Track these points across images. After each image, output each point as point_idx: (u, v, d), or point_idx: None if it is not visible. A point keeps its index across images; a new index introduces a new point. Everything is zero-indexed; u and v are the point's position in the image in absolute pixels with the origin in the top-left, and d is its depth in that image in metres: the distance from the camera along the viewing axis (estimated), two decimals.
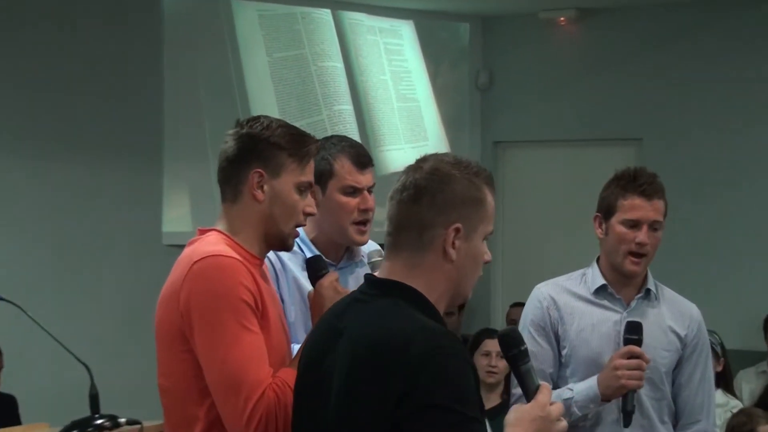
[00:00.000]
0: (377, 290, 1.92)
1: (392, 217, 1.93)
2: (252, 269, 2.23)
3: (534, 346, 2.92)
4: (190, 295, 2.18)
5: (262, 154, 2.28)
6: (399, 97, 6.63)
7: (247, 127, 2.30)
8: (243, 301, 2.16)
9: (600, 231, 2.96)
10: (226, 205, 2.31)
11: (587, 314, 2.95)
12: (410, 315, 1.84)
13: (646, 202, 2.88)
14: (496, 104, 6.83)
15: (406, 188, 1.92)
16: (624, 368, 2.79)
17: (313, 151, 2.33)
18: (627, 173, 2.94)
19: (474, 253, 1.92)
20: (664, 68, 6.38)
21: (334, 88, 6.27)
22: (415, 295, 1.89)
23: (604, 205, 2.95)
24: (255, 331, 2.17)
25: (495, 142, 6.89)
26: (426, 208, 1.89)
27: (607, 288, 2.98)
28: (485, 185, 1.95)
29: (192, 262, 2.21)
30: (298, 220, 2.32)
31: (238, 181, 2.29)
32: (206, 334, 2.16)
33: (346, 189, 2.78)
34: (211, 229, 2.31)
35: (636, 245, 2.88)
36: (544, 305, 2.96)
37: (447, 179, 1.91)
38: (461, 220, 1.90)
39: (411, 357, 1.75)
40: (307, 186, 2.32)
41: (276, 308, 2.31)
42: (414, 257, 1.90)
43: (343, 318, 1.93)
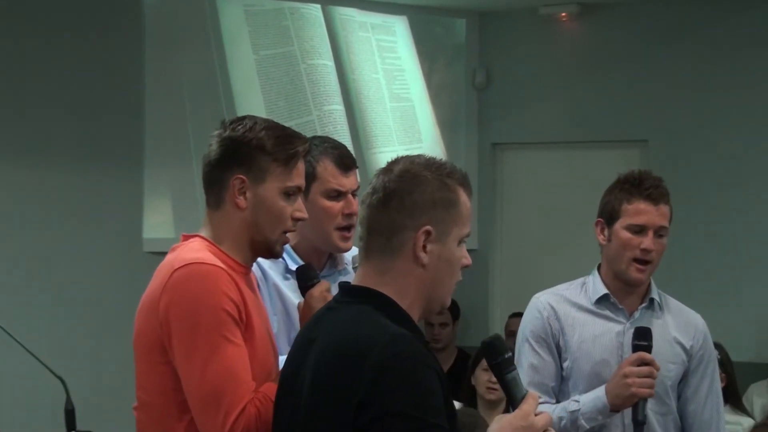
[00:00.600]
0: (349, 297, 1.97)
1: (363, 221, 1.97)
2: (237, 278, 2.24)
3: (535, 358, 2.94)
4: (170, 304, 2.18)
5: (244, 159, 2.27)
6: (392, 96, 6.63)
7: (229, 130, 2.30)
8: (225, 312, 2.16)
9: (602, 237, 2.96)
10: (210, 211, 2.32)
11: (589, 325, 2.96)
12: (376, 321, 1.88)
13: (652, 207, 2.89)
14: (493, 104, 6.83)
15: (375, 191, 1.96)
16: (634, 375, 2.79)
17: (300, 153, 2.32)
18: (632, 176, 2.95)
19: (448, 257, 1.95)
20: (671, 66, 6.39)
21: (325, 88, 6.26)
22: (385, 301, 1.92)
23: (607, 210, 2.95)
24: (237, 342, 2.17)
25: (493, 144, 6.89)
26: (395, 211, 1.93)
27: (609, 298, 2.99)
28: (459, 186, 1.97)
29: (172, 269, 2.21)
30: (286, 226, 2.31)
31: (220, 188, 2.29)
32: (185, 346, 2.15)
33: (330, 193, 2.78)
34: (194, 235, 2.32)
35: (641, 251, 2.88)
36: (544, 315, 2.97)
37: (417, 181, 1.94)
38: (432, 222, 1.93)
39: (370, 364, 1.79)
40: (295, 190, 2.32)
41: (262, 319, 2.32)
42: (384, 262, 1.94)
43: (315, 328, 1.97)
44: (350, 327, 1.89)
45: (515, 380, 1.96)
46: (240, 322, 2.19)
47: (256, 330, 2.24)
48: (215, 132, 2.32)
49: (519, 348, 3.00)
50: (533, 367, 2.94)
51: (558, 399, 2.94)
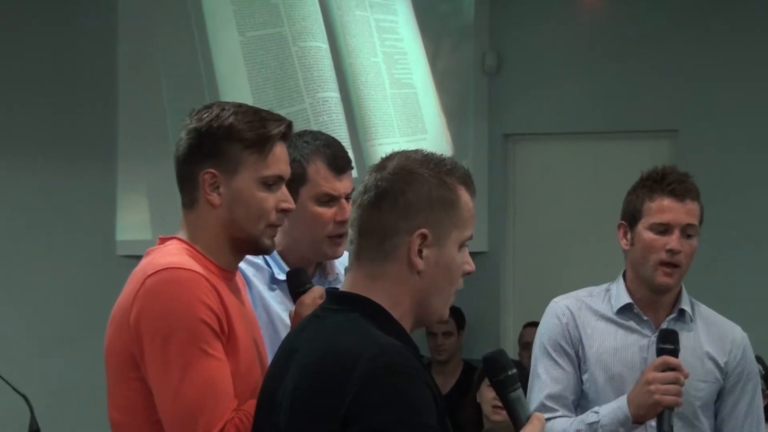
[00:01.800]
0: (336, 305, 1.98)
1: (354, 222, 1.98)
2: (218, 284, 2.24)
3: (554, 368, 2.94)
4: (141, 314, 2.18)
5: (212, 151, 2.26)
6: (393, 82, 6.62)
7: (194, 120, 2.30)
8: (202, 322, 2.16)
9: (625, 241, 2.97)
10: (185, 211, 2.33)
11: (609, 336, 2.96)
12: (364, 331, 1.89)
13: (677, 203, 2.90)
14: (505, 91, 6.82)
15: (367, 190, 1.96)
16: (658, 382, 2.77)
17: (276, 135, 2.30)
18: (654, 173, 2.96)
19: (447, 263, 1.95)
20: (705, 48, 6.37)
21: (318, 73, 6.26)
22: (376, 309, 1.93)
23: (629, 211, 2.96)
24: (216, 356, 2.17)
25: (505, 135, 6.89)
26: (387, 211, 1.94)
27: (633, 307, 2.98)
28: (460, 185, 1.98)
29: (145, 275, 2.21)
30: (270, 219, 2.31)
31: (192, 185, 2.29)
32: (158, 360, 2.16)
33: (321, 197, 2.78)
34: (172, 237, 2.32)
35: (667, 253, 2.89)
36: (563, 321, 2.97)
37: (412, 179, 1.95)
38: (428, 224, 1.93)
39: (356, 376, 1.81)
40: (275, 179, 2.31)
41: (250, 330, 2.32)
42: (375, 267, 1.95)
43: (299, 337, 1.99)
44: (336, 337, 1.90)
45: (520, 400, 1.96)
46: (221, 333, 2.19)
47: (240, 341, 2.24)
48: (183, 123, 2.32)
49: (536, 357, 3.00)
50: (552, 378, 2.95)
51: (578, 415, 2.94)
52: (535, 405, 2.92)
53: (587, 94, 6.64)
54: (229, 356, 2.20)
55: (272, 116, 2.32)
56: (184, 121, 2.32)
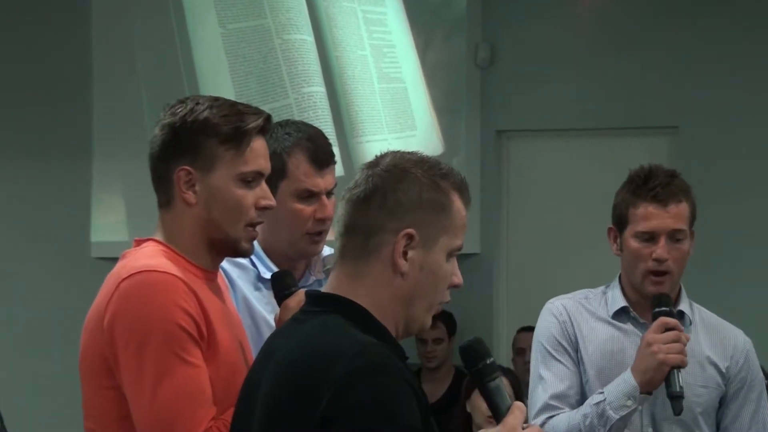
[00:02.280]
0: (317, 307, 1.99)
1: (341, 218, 1.99)
2: (198, 286, 2.24)
3: (555, 367, 2.96)
4: (115, 318, 2.19)
5: (186, 147, 2.27)
6: (381, 76, 6.62)
7: (167, 115, 2.30)
8: (179, 327, 2.17)
9: (615, 247, 3.00)
10: (162, 211, 2.33)
11: (605, 339, 2.97)
12: (344, 331, 1.90)
13: (660, 209, 2.91)
14: (499, 85, 6.82)
15: (357, 185, 1.98)
16: (659, 342, 2.80)
17: (253, 129, 2.29)
18: (637, 175, 2.96)
19: (432, 268, 1.96)
20: (707, 42, 6.37)
21: (303, 67, 6.25)
22: (357, 310, 1.94)
23: (616, 216, 2.98)
24: (194, 363, 2.17)
25: (498, 132, 6.88)
26: (375, 209, 1.95)
27: (629, 311, 2.99)
28: (454, 190, 1.99)
29: (120, 279, 2.22)
30: (249, 218, 2.31)
31: (167, 183, 2.29)
32: (132, 367, 2.16)
33: (301, 193, 2.78)
34: (148, 239, 2.33)
35: (654, 262, 2.90)
36: (560, 320, 3.00)
37: (404, 177, 1.96)
38: (416, 225, 1.95)
39: (335, 376, 1.82)
40: (254, 176, 2.31)
41: (234, 332, 2.32)
42: (359, 266, 1.96)
43: (277, 341, 2.01)
44: (314, 338, 1.91)
45: (499, 389, 1.98)
46: (199, 339, 2.20)
47: (221, 347, 2.24)
48: (158, 119, 2.33)
49: (535, 359, 3.03)
50: (556, 376, 2.97)
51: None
52: (539, 406, 2.95)
53: (584, 89, 6.64)
54: (209, 361, 2.20)
55: (250, 109, 2.32)
56: (157, 117, 2.33)
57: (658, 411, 2.91)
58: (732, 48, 6.35)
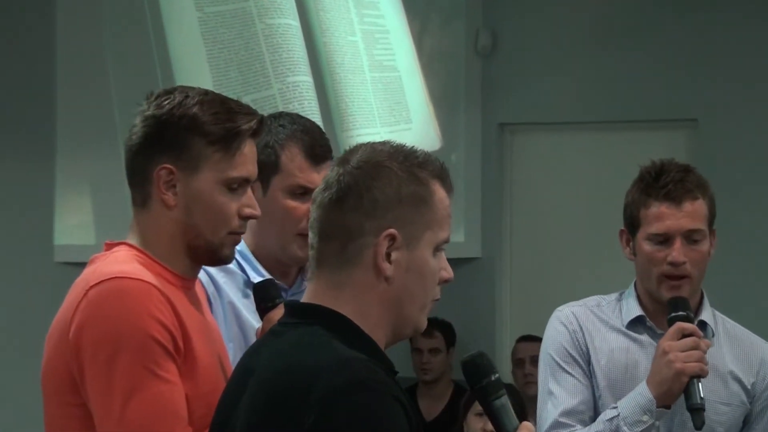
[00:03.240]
0: (297, 318, 1.99)
1: (314, 224, 1.99)
2: (175, 295, 2.25)
3: (566, 382, 2.95)
4: (82, 329, 2.18)
5: (171, 144, 2.27)
6: (373, 65, 6.62)
7: (152, 106, 2.29)
8: (152, 339, 2.16)
9: (628, 251, 3.00)
10: (136, 210, 2.33)
11: (620, 351, 2.98)
12: (326, 344, 1.91)
13: (674, 209, 2.91)
14: (501, 75, 6.83)
15: (328, 187, 1.98)
16: (676, 350, 2.80)
17: (245, 132, 2.29)
18: (648, 171, 2.96)
19: (419, 268, 1.97)
20: (728, 29, 6.38)
21: (288, 54, 6.24)
22: (340, 321, 1.94)
23: (628, 218, 2.99)
24: (169, 379, 2.17)
25: (500, 125, 6.89)
26: (351, 211, 1.95)
27: (645, 320, 2.99)
28: (434, 179, 1.99)
29: (88, 286, 2.21)
30: (231, 226, 2.31)
31: (145, 181, 2.29)
32: (100, 382, 2.15)
33: (295, 189, 2.79)
34: (120, 242, 2.32)
35: (668, 266, 2.91)
36: (569, 329, 3.00)
37: (378, 173, 1.97)
38: (397, 224, 1.95)
39: (318, 394, 1.83)
40: (240, 182, 2.31)
41: (213, 345, 2.33)
42: (339, 275, 1.96)
43: (255, 356, 2.00)
44: (293, 353, 1.92)
45: (505, 408, 1.98)
46: (174, 353, 2.19)
47: (200, 360, 2.24)
48: (139, 108, 2.32)
49: (543, 372, 3.02)
50: (567, 391, 2.97)
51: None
52: (549, 424, 2.95)
53: (595, 79, 6.64)
54: (186, 377, 2.20)
55: (242, 108, 2.32)
56: (140, 107, 2.32)
57: (677, 427, 2.91)
58: (757, 34, 6.35)
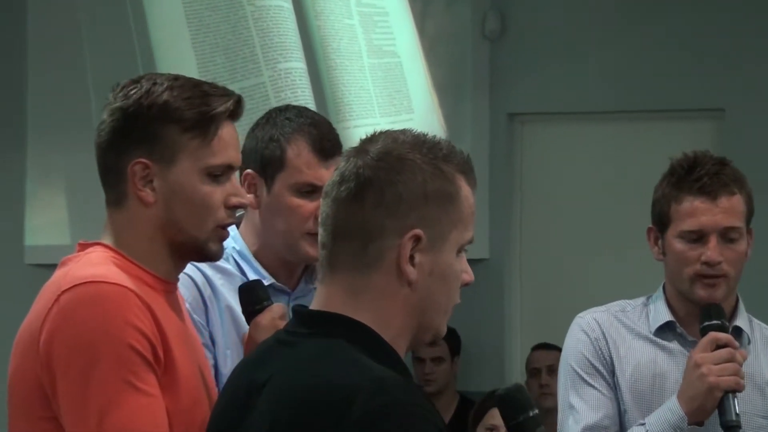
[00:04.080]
0: (309, 327, 1.97)
1: (328, 221, 1.97)
2: (154, 299, 2.25)
3: (589, 394, 2.96)
4: (54, 338, 2.17)
5: (142, 136, 2.27)
6: (372, 50, 6.62)
7: (119, 98, 2.30)
8: (130, 348, 2.15)
9: (656, 250, 3.02)
10: (111, 210, 2.34)
11: (648, 360, 2.99)
12: (354, 360, 1.89)
13: (709, 203, 2.92)
14: (511, 61, 6.83)
15: (345, 180, 1.96)
16: (709, 362, 2.81)
17: (222, 114, 2.29)
18: (680, 165, 2.97)
19: (444, 272, 1.96)
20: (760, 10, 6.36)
21: (279, 38, 6.24)
22: (363, 332, 1.93)
23: (657, 214, 2.99)
24: (148, 391, 2.16)
25: (510, 115, 6.90)
26: (372, 207, 1.94)
27: (675, 327, 3.00)
28: (459, 174, 1.99)
29: (59, 291, 2.21)
30: (218, 218, 2.31)
31: (118, 178, 2.30)
32: (74, 395, 2.15)
33: (302, 187, 2.81)
34: (95, 243, 2.32)
35: (703, 266, 2.92)
36: (591, 337, 3.01)
37: (402, 167, 1.95)
38: (423, 224, 1.94)
39: (355, 416, 1.81)
40: (223, 169, 2.31)
41: (194, 355, 2.33)
42: (357, 279, 1.95)
43: (262, 368, 1.97)
44: (318, 368, 1.90)
45: None
46: (154, 362, 2.19)
47: (181, 371, 2.24)
48: (106, 102, 2.32)
49: (563, 384, 3.04)
50: (589, 405, 2.98)
51: None
52: None
53: (613, 65, 6.64)
54: (166, 390, 2.20)
55: (217, 90, 2.32)
56: (105, 99, 2.32)
57: None
58: None
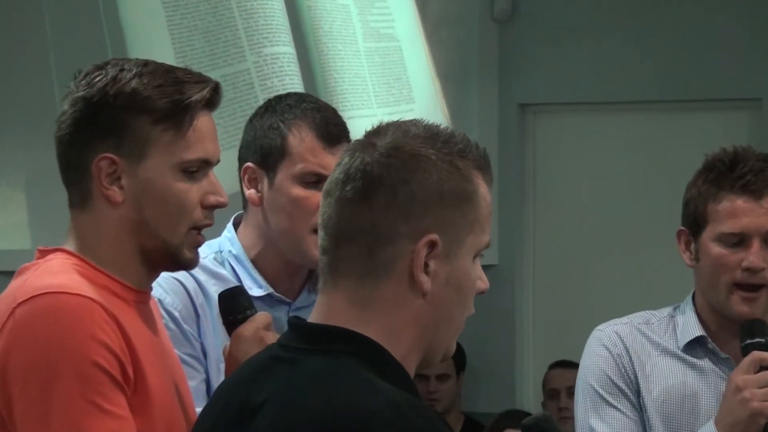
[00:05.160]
0: (310, 343, 1.95)
1: (329, 223, 1.97)
2: (123, 311, 2.24)
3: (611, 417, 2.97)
4: (9, 356, 2.17)
5: (108, 128, 2.27)
6: (368, 33, 6.62)
7: (82, 86, 2.29)
8: (95, 366, 2.15)
9: (688, 255, 3.01)
10: (74, 211, 2.34)
11: (676, 380, 2.99)
12: (366, 383, 1.87)
13: (753, 203, 2.93)
14: (522, 46, 6.85)
15: (350, 178, 1.95)
16: (753, 386, 2.82)
17: (197, 103, 2.29)
18: (719, 160, 2.97)
19: (460, 280, 1.96)
20: None
21: (265, 21, 6.25)
22: (371, 349, 1.91)
23: (690, 215, 2.99)
24: (116, 413, 2.16)
25: (521, 105, 6.92)
26: (382, 210, 1.93)
27: (706, 342, 3.01)
28: (476, 171, 1.98)
29: (15, 303, 2.20)
30: (193, 218, 2.31)
31: (82, 176, 2.30)
32: (33, 418, 2.14)
33: (307, 177, 2.83)
34: (56, 249, 2.32)
35: (743, 273, 2.92)
36: (613, 352, 3.02)
37: (416, 164, 1.94)
38: (438, 228, 1.93)
39: None
40: (199, 164, 2.31)
41: (168, 372, 2.33)
42: (363, 288, 1.94)
43: (257, 388, 1.95)
44: (326, 390, 1.88)
45: None
46: (123, 381, 2.19)
47: (153, 389, 2.24)
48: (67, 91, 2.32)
49: (582, 405, 3.05)
50: (610, 427, 2.99)
51: None
52: None
53: (635, 51, 6.67)
54: (137, 411, 2.20)
55: (191, 76, 2.32)
56: (67, 88, 2.33)
57: None
58: None
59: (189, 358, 2.80)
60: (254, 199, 2.88)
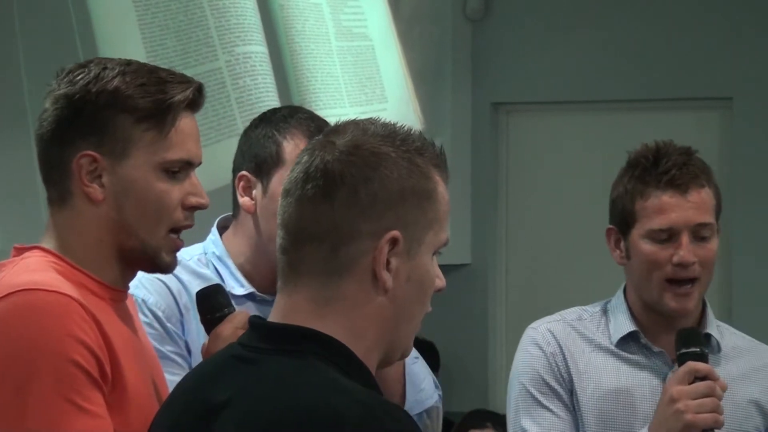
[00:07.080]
0: (271, 343, 1.94)
1: (290, 223, 1.96)
2: (101, 309, 2.24)
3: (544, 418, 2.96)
4: None
5: (90, 127, 2.27)
6: (341, 32, 6.62)
7: (64, 84, 2.30)
8: (73, 364, 2.15)
9: (618, 254, 3.00)
10: (53, 209, 2.34)
11: (611, 374, 2.98)
12: (332, 382, 1.87)
13: (679, 198, 2.91)
14: (495, 44, 6.85)
15: (310, 177, 1.95)
16: (687, 397, 2.79)
17: (180, 103, 2.30)
18: (643, 155, 2.97)
19: (420, 277, 1.97)
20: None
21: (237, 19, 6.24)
22: (334, 348, 1.91)
23: (618, 213, 2.99)
24: (94, 411, 2.16)
25: (494, 104, 6.93)
26: (343, 208, 1.93)
27: (639, 337, 2.99)
28: (434, 168, 1.99)
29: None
30: (173, 220, 2.32)
31: (62, 174, 2.30)
32: (8, 420, 2.14)
33: None
34: (33, 246, 2.32)
35: (675, 268, 2.91)
36: (546, 351, 3.00)
37: (376, 162, 1.95)
38: (400, 225, 1.94)
39: None
40: (181, 164, 2.32)
41: (146, 373, 2.33)
42: (325, 287, 1.94)
43: (219, 387, 1.95)
44: (292, 390, 1.87)
45: None
46: (101, 379, 2.19)
47: (130, 390, 2.24)
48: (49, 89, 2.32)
49: (514, 406, 3.03)
50: (543, 429, 2.97)
51: None
52: None
53: (608, 50, 6.68)
54: (115, 410, 2.20)
55: (174, 77, 2.32)
56: (49, 86, 2.32)
57: None
58: None
59: (174, 355, 2.82)
60: (248, 206, 2.89)
